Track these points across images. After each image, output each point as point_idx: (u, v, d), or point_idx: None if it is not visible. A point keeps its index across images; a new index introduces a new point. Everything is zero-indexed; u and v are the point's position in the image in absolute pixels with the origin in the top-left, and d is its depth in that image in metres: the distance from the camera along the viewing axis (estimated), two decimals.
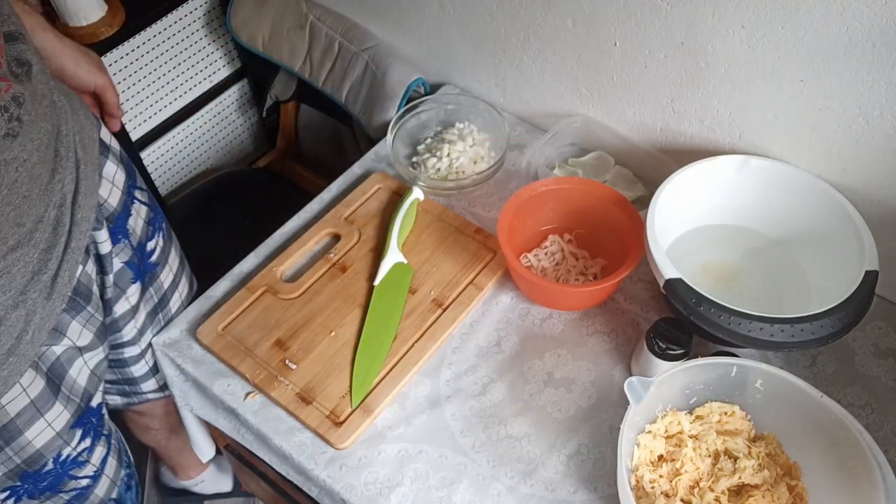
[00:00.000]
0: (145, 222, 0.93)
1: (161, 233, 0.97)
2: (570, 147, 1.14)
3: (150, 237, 0.94)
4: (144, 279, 0.94)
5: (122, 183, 0.89)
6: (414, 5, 1.19)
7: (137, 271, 0.92)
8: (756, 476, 0.76)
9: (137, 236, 0.91)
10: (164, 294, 0.98)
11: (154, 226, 0.95)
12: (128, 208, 0.90)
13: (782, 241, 0.96)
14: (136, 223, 0.91)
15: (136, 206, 0.92)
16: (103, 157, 0.87)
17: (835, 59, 0.82)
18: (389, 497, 0.80)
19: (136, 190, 0.93)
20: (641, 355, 0.85)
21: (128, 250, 0.90)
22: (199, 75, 1.54)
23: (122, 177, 0.90)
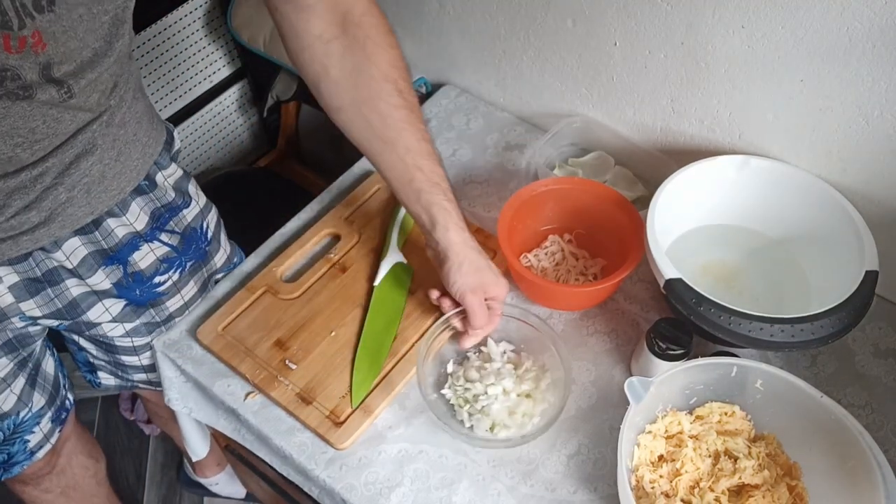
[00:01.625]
0: (158, 260, 0.93)
1: (179, 270, 0.96)
2: (570, 147, 1.14)
3: (160, 273, 0.94)
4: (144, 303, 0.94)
5: (144, 223, 0.89)
6: (414, 5, 1.19)
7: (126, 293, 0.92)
8: (756, 476, 0.76)
9: (139, 268, 0.91)
10: (169, 315, 0.98)
11: (170, 264, 0.94)
12: (136, 244, 0.89)
13: (782, 241, 0.96)
14: (144, 258, 0.91)
15: (153, 245, 0.91)
16: (130, 199, 0.86)
17: (835, 59, 0.82)
18: (389, 497, 0.80)
19: (163, 233, 0.92)
20: (641, 355, 0.85)
21: (117, 272, 0.90)
22: (199, 75, 1.54)
23: (146, 218, 0.89)
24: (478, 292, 0.83)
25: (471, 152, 1.15)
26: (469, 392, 0.85)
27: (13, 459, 0.97)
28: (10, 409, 0.92)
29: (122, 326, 0.95)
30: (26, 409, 0.94)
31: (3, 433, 0.94)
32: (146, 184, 0.88)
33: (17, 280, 0.84)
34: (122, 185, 0.83)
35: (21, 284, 0.84)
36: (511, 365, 0.88)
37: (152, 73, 1.44)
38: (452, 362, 0.89)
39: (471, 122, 1.19)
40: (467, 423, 0.84)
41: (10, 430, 0.94)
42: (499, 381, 0.85)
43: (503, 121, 1.20)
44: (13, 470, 0.99)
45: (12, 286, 0.84)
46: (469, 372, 0.87)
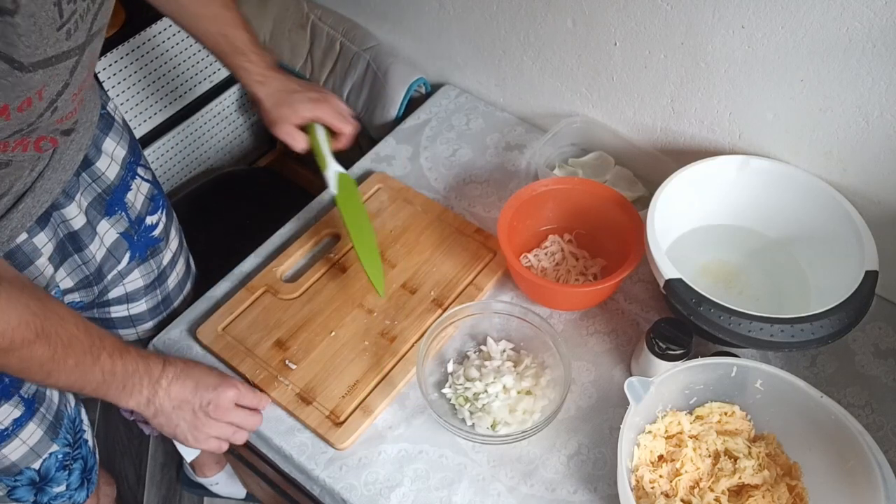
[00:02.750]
0: (146, 198, 0.94)
1: (164, 210, 0.98)
2: (570, 147, 1.14)
3: (152, 212, 0.95)
4: (145, 252, 0.96)
5: (122, 159, 0.90)
6: (414, 5, 1.19)
7: (132, 242, 0.93)
8: (756, 476, 0.76)
9: (137, 210, 0.92)
10: (163, 270, 0.99)
11: (156, 202, 0.96)
12: (126, 183, 0.90)
13: (782, 241, 0.96)
14: (136, 198, 0.92)
15: (137, 182, 0.92)
16: (103, 134, 0.87)
17: (835, 59, 0.82)
18: (389, 497, 0.80)
19: (139, 167, 0.93)
20: (641, 355, 0.85)
21: (124, 222, 0.91)
22: (199, 75, 1.54)
23: (123, 152, 0.90)
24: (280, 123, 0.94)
25: (471, 152, 1.15)
26: (469, 391, 0.85)
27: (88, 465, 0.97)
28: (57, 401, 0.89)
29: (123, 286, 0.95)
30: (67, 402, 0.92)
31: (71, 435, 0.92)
32: (105, 114, 0.89)
33: (52, 250, 0.83)
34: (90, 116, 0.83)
35: (55, 253, 0.84)
36: (511, 363, 0.88)
37: (152, 73, 1.44)
38: (452, 362, 0.89)
39: (471, 122, 1.19)
40: (468, 421, 0.84)
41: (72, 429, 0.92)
42: (499, 378, 0.85)
43: (503, 121, 1.20)
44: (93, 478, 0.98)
45: (51, 256, 0.83)
46: (469, 371, 0.87)
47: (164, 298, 1.03)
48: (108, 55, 1.34)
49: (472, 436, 0.81)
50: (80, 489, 0.94)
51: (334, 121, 0.96)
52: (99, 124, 0.86)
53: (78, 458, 0.92)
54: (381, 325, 0.92)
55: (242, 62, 0.92)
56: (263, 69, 0.93)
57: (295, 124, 0.95)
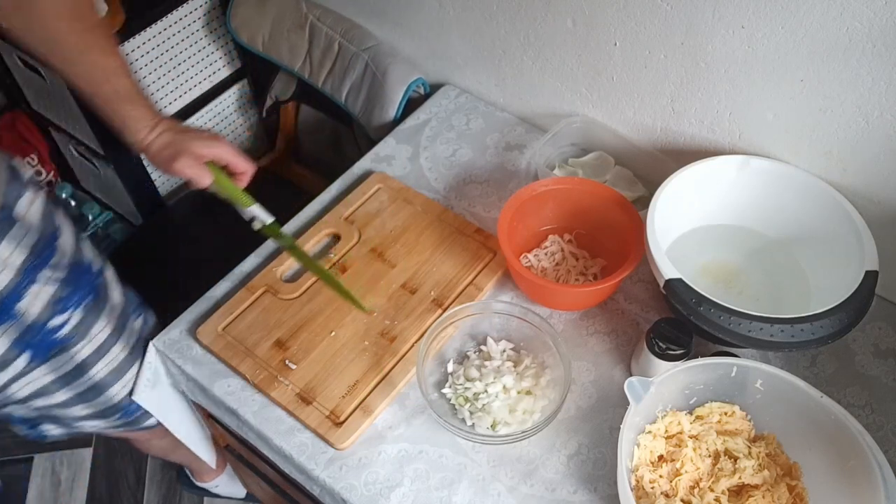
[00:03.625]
0: (49, 302, 0.86)
1: (77, 308, 0.89)
2: (570, 147, 1.14)
3: (58, 313, 0.87)
4: (46, 353, 0.89)
5: (18, 265, 0.81)
6: (414, 5, 1.19)
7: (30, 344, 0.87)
8: (756, 476, 0.76)
9: (33, 316, 0.84)
10: (79, 364, 0.93)
11: (65, 303, 0.88)
12: (19, 292, 0.82)
13: (782, 241, 0.96)
14: (32, 304, 0.84)
15: (37, 288, 0.84)
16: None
17: (835, 59, 0.82)
18: (389, 497, 0.80)
19: (45, 270, 0.85)
20: (641, 355, 0.85)
21: (12, 332, 0.84)
22: (199, 75, 1.54)
23: (20, 258, 0.82)
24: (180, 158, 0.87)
25: (471, 152, 1.15)
26: (469, 391, 0.85)
27: None
28: None
29: (28, 383, 0.90)
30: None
31: None
32: (6, 216, 0.81)
33: None
34: None
35: None
36: (511, 363, 0.88)
37: (152, 73, 1.43)
38: (452, 362, 0.89)
39: (471, 122, 1.19)
40: (468, 421, 0.84)
41: None
42: (499, 378, 0.85)
43: (503, 121, 1.20)
44: None
45: None
46: (469, 371, 0.87)
47: (91, 387, 0.96)
48: None
49: (472, 436, 0.81)
50: None
51: (232, 158, 0.90)
52: None
53: None
54: (381, 325, 0.92)
55: (129, 111, 0.85)
56: (152, 117, 0.87)
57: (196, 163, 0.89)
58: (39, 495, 1.58)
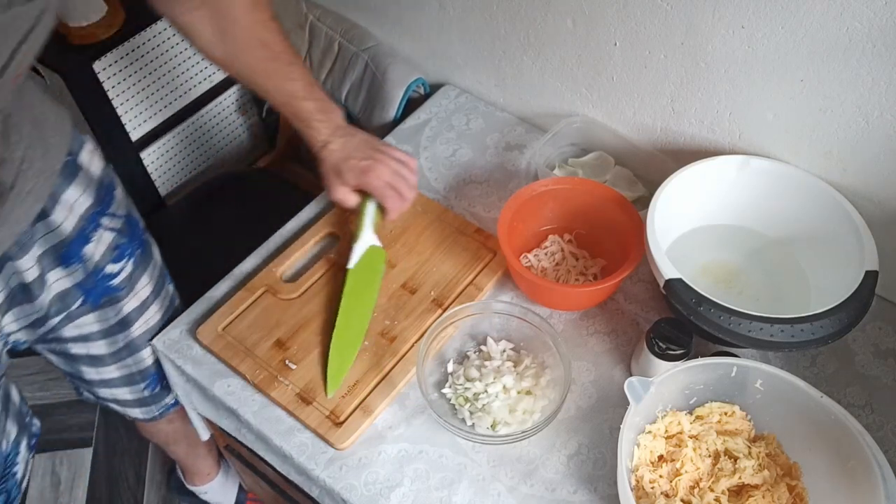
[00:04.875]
0: (109, 248, 0.90)
1: (132, 258, 0.94)
2: (570, 147, 1.14)
3: (115, 260, 0.91)
4: (98, 300, 0.92)
5: (85, 209, 0.86)
6: (414, 5, 1.19)
7: (88, 292, 0.90)
8: (756, 476, 0.76)
9: (95, 262, 0.89)
10: (124, 318, 0.96)
11: (121, 251, 0.92)
12: (86, 235, 0.87)
13: (782, 241, 0.96)
14: (96, 249, 0.89)
15: (99, 233, 0.89)
16: (65, 183, 0.83)
17: (835, 59, 0.82)
18: (389, 497, 0.80)
19: (105, 217, 0.90)
20: (641, 355, 0.85)
21: (79, 274, 0.88)
22: (199, 75, 1.54)
23: (87, 203, 0.86)
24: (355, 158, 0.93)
25: (471, 152, 1.15)
26: (469, 391, 0.85)
27: (10, 498, 0.93)
28: None
29: (77, 327, 0.93)
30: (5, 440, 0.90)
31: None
32: (72, 161, 0.85)
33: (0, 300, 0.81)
34: (51, 164, 0.81)
35: (4, 303, 0.82)
36: (511, 363, 0.88)
37: (152, 73, 1.44)
38: (453, 362, 0.89)
39: (471, 122, 1.19)
40: (468, 421, 0.84)
41: (1, 467, 0.90)
42: (499, 378, 0.85)
43: (503, 121, 1.20)
44: None
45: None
46: (469, 371, 0.87)
47: (126, 345, 0.99)
48: (108, 55, 1.34)
49: (472, 436, 0.81)
50: None
51: (379, 193, 0.94)
52: (62, 173, 0.83)
53: (2, 492, 0.91)
54: (381, 325, 0.92)
55: (305, 130, 0.94)
56: (326, 135, 0.94)
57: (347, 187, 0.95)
58: (39, 495, 1.58)
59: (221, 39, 0.87)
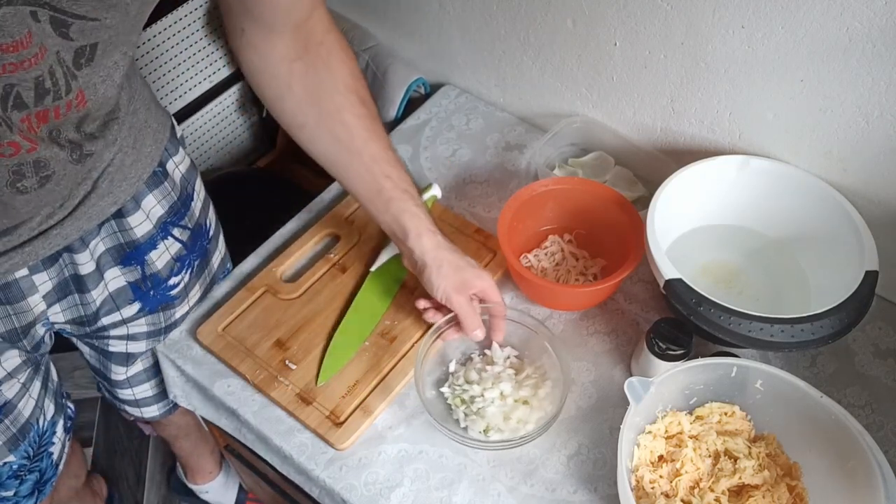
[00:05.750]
0: (173, 259, 0.91)
1: (189, 269, 0.95)
2: (570, 147, 1.14)
3: (175, 273, 0.92)
4: (156, 307, 0.93)
5: (158, 218, 0.87)
6: (414, 5, 1.19)
7: (145, 297, 0.91)
8: (756, 476, 0.76)
9: (156, 268, 0.90)
10: (172, 322, 0.96)
11: (182, 262, 0.92)
12: (154, 242, 0.88)
13: (782, 241, 0.96)
14: (160, 257, 0.89)
15: (168, 242, 0.89)
16: (148, 189, 0.84)
17: (835, 59, 0.82)
18: (389, 497, 0.80)
19: (176, 228, 0.90)
20: (641, 355, 0.85)
21: (135, 273, 0.88)
22: (199, 75, 1.54)
23: (161, 211, 0.87)
24: (462, 291, 0.82)
25: (471, 152, 1.15)
26: (467, 393, 0.85)
27: (44, 477, 0.94)
28: (29, 415, 0.87)
29: (126, 327, 0.93)
30: (42, 417, 0.90)
31: (32, 449, 0.90)
32: (160, 171, 0.86)
33: (50, 288, 0.82)
34: (139, 173, 0.81)
35: (53, 291, 0.83)
36: (512, 370, 0.87)
37: (152, 73, 1.43)
38: (455, 362, 0.89)
39: (471, 122, 1.19)
40: (462, 423, 0.84)
41: (36, 444, 0.90)
42: (497, 384, 0.84)
43: (503, 121, 1.20)
44: (46, 490, 0.94)
45: (46, 294, 0.82)
46: (469, 373, 0.87)
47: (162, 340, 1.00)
48: None
49: (464, 439, 0.81)
50: (29, 497, 0.92)
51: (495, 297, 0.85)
52: (147, 181, 0.83)
53: (35, 470, 0.91)
54: (381, 325, 0.92)
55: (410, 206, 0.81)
56: (432, 220, 0.83)
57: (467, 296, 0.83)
58: None
59: (316, 99, 0.77)
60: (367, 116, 0.79)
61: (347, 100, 0.78)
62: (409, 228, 0.81)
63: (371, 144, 0.79)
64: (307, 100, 0.77)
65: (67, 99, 0.62)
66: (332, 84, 0.77)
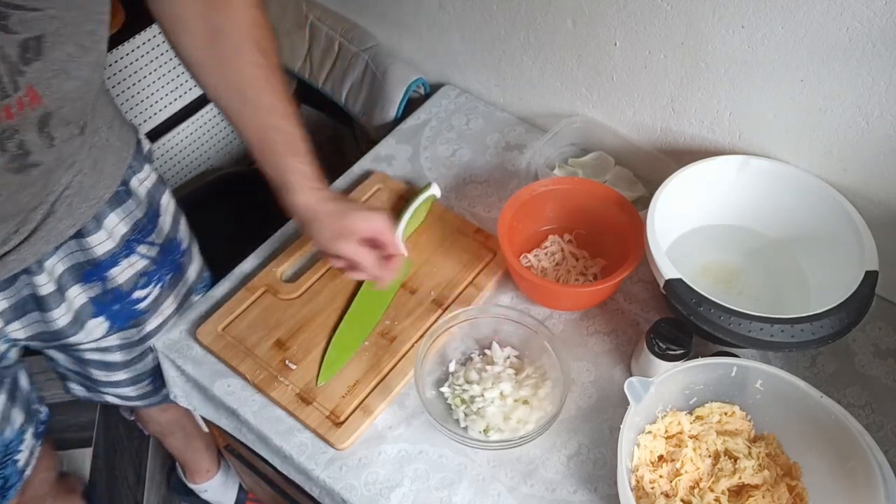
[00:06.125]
0: (137, 274, 0.90)
1: (159, 284, 0.93)
2: (570, 147, 1.14)
3: (140, 287, 0.91)
4: (126, 322, 0.92)
5: (121, 236, 0.85)
6: (414, 5, 1.19)
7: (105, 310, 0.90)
8: (756, 476, 0.76)
9: (117, 283, 0.89)
10: (146, 334, 0.96)
11: (150, 277, 0.91)
12: (115, 259, 0.87)
13: (782, 241, 0.96)
14: (122, 273, 0.88)
15: (132, 259, 0.88)
16: (110, 209, 0.83)
17: (835, 59, 0.82)
18: (389, 497, 0.80)
19: (142, 245, 0.89)
20: (641, 355, 0.85)
21: (96, 289, 0.88)
22: None
23: (124, 230, 0.85)
24: (345, 237, 0.80)
25: (471, 152, 1.15)
26: (466, 393, 0.85)
27: (8, 483, 0.93)
28: None
29: (96, 342, 0.93)
30: (9, 427, 0.90)
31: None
32: (123, 190, 0.85)
33: (6, 306, 0.82)
34: (100, 194, 0.80)
35: (10, 309, 0.82)
36: (513, 370, 0.87)
37: (152, 72, 1.43)
38: (455, 362, 0.89)
39: (471, 122, 1.19)
40: (462, 423, 0.84)
41: (1, 454, 0.90)
42: (497, 384, 0.85)
43: (503, 121, 1.20)
44: (9, 494, 0.94)
45: (2, 312, 0.82)
46: (469, 373, 0.87)
47: (140, 353, 1.00)
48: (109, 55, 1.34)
49: (464, 439, 0.81)
50: None
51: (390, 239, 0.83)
52: (109, 200, 0.82)
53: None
54: (381, 325, 0.92)
55: (294, 163, 0.79)
56: (318, 176, 0.81)
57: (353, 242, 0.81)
58: None
59: (214, 39, 0.74)
60: (266, 66, 0.76)
61: (245, 47, 0.75)
62: (291, 183, 0.79)
63: (265, 95, 0.77)
64: (205, 40, 0.74)
65: (17, 97, 0.59)
66: (231, 28, 0.74)
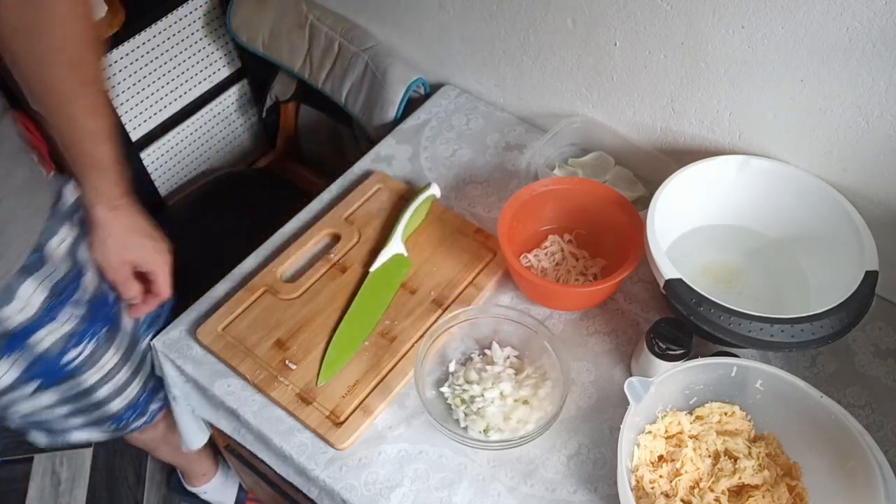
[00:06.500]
0: (65, 335, 0.86)
1: (91, 340, 0.90)
2: (570, 147, 1.14)
3: (71, 347, 0.87)
4: (55, 381, 0.90)
5: (39, 304, 0.81)
6: (414, 5, 1.19)
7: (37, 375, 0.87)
8: (756, 476, 0.76)
9: (44, 348, 0.85)
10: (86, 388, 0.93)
11: (80, 336, 0.88)
12: (37, 325, 0.83)
13: (782, 241, 0.96)
14: (47, 338, 0.84)
15: (56, 325, 0.84)
16: (23, 277, 0.78)
17: (835, 59, 0.82)
18: (389, 497, 0.80)
19: (67, 307, 0.84)
20: (641, 355, 0.85)
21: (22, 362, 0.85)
22: (199, 75, 1.54)
23: (42, 296, 0.81)
24: (125, 265, 0.86)
25: (471, 152, 1.15)
26: (466, 393, 0.85)
27: None
28: None
29: (32, 405, 0.91)
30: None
31: None
32: (37, 256, 0.79)
33: None
34: (7, 267, 0.76)
35: None
36: (512, 370, 0.87)
37: (152, 73, 1.44)
38: (455, 362, 0.89)
39: (471, 122, 1.19)
40: (462, 423, 0.84)
41: None
42: (497, 384, 0.85)
43: (503, 121, 1.20)
44: None
45: None
46: (469, 373, 0.87)
47: (94, 403, 0.97)
48: (109, 55, 1.34)
49: (464, 439, 0.81)
50: None
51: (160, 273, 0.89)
52: (21, 269, 0.77)
53: None
54: (381, 325, 0.92)
55: (94, 180, 0.80)
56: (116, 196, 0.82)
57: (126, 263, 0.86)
58: (39, 495, 1.58)
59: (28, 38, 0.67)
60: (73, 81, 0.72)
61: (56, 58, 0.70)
62: (87, 196, 0.82)
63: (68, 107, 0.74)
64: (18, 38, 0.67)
65: None
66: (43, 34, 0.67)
